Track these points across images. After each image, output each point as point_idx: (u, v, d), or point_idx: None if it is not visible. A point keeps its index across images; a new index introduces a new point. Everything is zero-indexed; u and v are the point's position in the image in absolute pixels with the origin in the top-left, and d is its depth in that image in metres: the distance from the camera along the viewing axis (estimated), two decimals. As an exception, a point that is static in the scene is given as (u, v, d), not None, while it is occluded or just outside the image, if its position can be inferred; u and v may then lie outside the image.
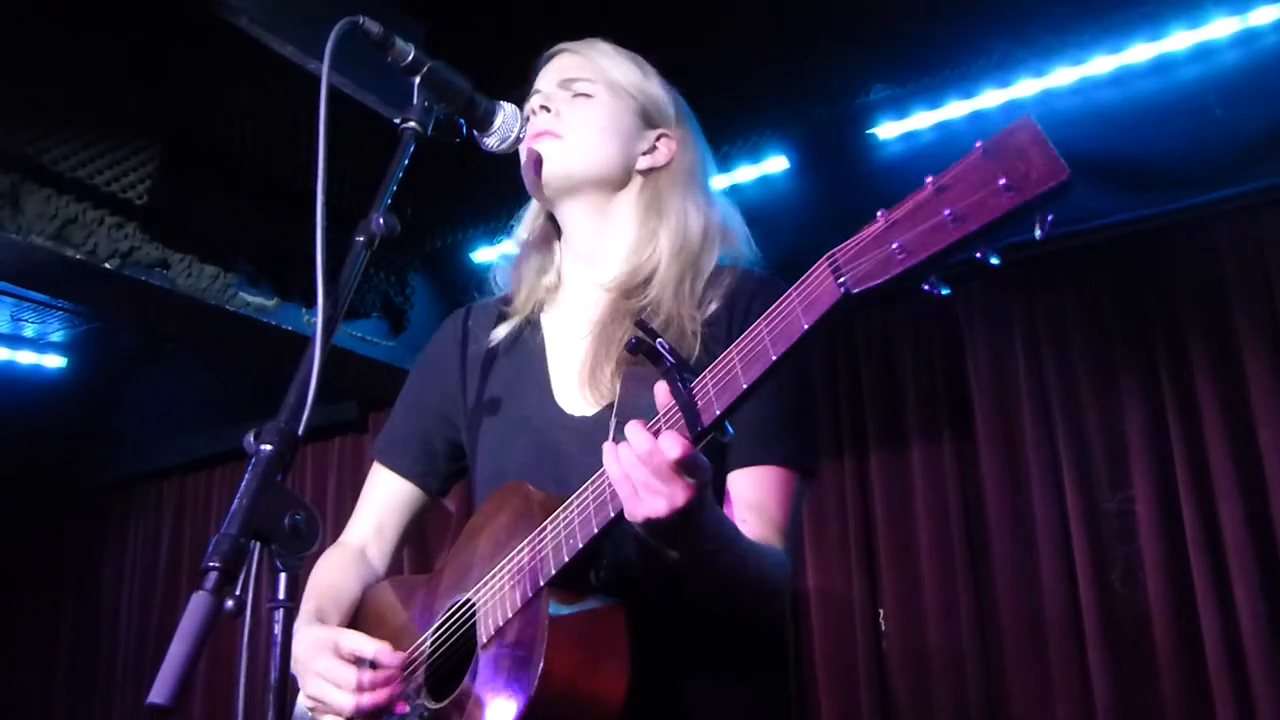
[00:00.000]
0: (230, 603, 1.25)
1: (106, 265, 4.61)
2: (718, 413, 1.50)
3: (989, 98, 4.39)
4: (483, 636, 1.80)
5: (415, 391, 2.32)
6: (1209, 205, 4.39)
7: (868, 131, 4.60)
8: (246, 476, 1.35)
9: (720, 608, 1.83)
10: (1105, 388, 4.50)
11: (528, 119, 2.05)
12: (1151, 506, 4.30)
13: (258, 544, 1.30)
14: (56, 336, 6.15)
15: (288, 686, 1.30)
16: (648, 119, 2.16)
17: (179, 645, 1.21)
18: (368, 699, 1.78)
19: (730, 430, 1.54)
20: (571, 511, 1.70)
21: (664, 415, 1.56)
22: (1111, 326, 4.55)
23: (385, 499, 2.26)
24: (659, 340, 1.56)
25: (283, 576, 1.33)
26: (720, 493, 1.90)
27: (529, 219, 2.30)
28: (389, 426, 2.32)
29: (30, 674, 7.48)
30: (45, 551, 7.69)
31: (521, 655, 1.70)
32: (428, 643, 1.93)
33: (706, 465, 1.54)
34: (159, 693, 1.19)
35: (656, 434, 1.52)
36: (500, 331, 2.19)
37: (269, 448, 1.38)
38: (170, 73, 4.21)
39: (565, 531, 1.69)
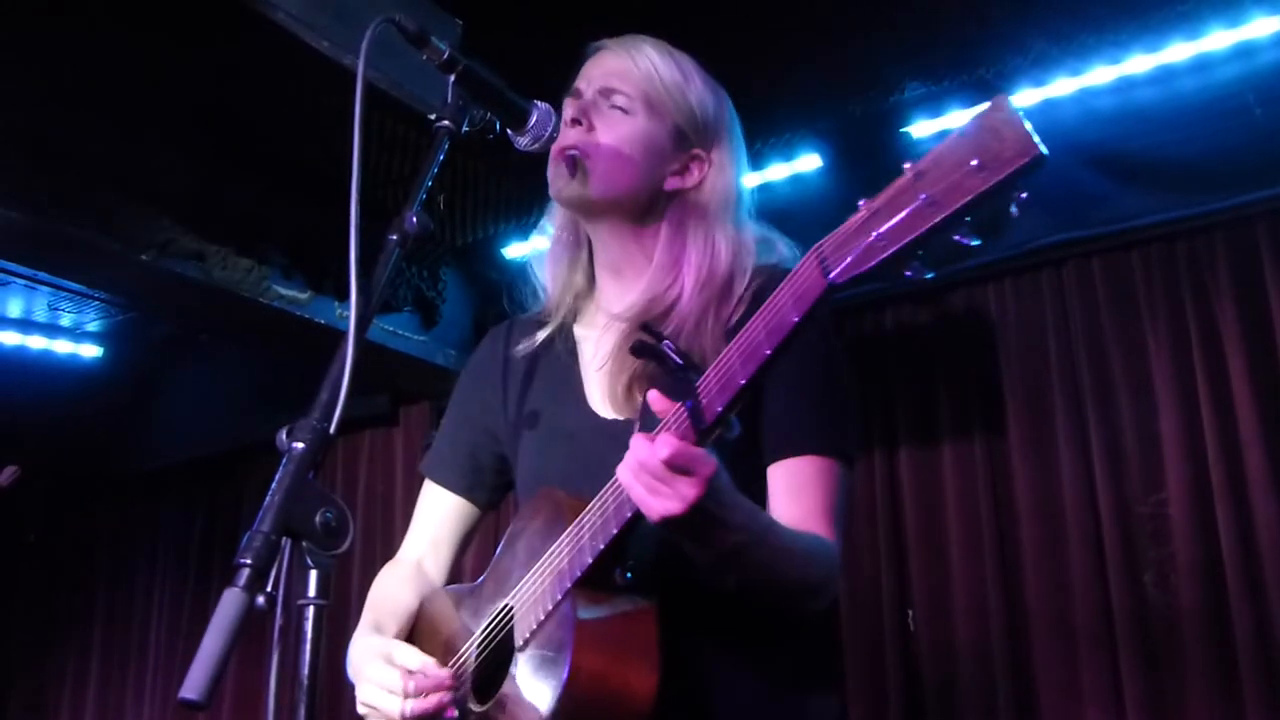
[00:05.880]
0: (261, 599, 1.27)
1: (143, 257, 4.65)
2: (719, 410, 1.53)
3: (1025, 96, 4.34)
4: (519, 640, 1.85)
5: (459, 407, 2.34)
6: (1247, 205, 4.34)
7: (901, 130, 4.54)
8: (279, 474, 1.37)
9: (761, 603, 1.84)
10: (1140, 388, 4.46)
11: (559, 121, 2.00)
12: (1185, 509, 4.26)
13: (289, 541, 1.32)
14: (93, 326, 6.21)
15: (318, 684, 1.32)
16: (682, 139, 2.10)
17: (211, 641, 1.22)
18: (416, 706, 1.84)
19: (736, 426, 1.58)
20: (594, 514, 1.73)
21: (671, 417, 1.59)
22: (1147, 327, 4.51)
23: (437, 514, 2.32)
24: (664, 342, 1.61)
25: (313, 574, 1.35)
26: (758, 491, 1.90)
27: (557, 214, 2.26)
28: (436, 443, 2.36)
29: (64, 660, 7.56)
30: (79, 540, 7.76)
31: (551, 656, 1.75)
32: (474, 647, 1.99)
33: (709, 459, 1.56)
34: (191, 688, 1.20)
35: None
36: (538, 338, 2.20)
37: (301, 446, 1.40)
38: (207, 66, 4.24)
39: (589, 534, 1.73)
